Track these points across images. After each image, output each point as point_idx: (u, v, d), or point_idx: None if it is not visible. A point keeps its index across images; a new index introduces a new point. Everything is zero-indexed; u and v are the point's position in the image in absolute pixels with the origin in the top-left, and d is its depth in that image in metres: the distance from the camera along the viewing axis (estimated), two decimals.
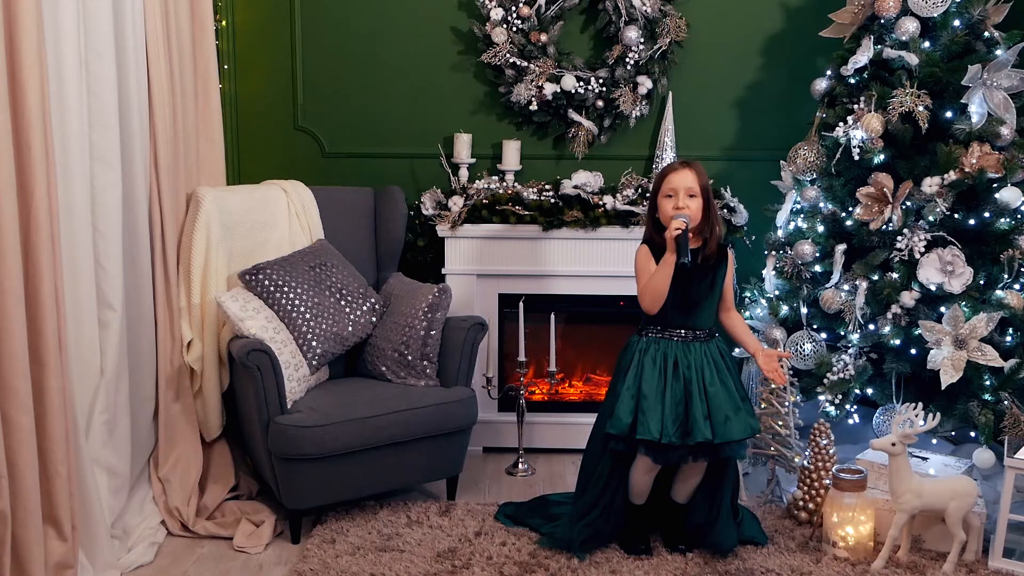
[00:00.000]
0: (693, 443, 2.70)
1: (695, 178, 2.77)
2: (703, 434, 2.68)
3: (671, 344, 2.81)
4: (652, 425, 2.71)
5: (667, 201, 2.77)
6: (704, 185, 2.79)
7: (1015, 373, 3.07)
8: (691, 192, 2.76)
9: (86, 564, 2.66)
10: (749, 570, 2.80)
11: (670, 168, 2.81)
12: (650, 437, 2.70)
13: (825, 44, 3.68)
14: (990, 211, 3.18)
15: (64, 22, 2.63)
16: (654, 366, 2.78)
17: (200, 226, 3.22)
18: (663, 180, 2.80)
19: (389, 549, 2.93)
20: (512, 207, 3.75)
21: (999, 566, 2.80)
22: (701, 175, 2.79)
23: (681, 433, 2.71)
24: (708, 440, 2.69)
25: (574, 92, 3.84)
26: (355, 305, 3.37)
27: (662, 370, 2.78)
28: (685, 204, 2.74)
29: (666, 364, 2.78)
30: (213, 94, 3.57)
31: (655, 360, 2.79)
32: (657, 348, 2.81)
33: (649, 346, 2.82)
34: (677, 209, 2.74)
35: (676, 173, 2.78)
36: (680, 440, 2.71)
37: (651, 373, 2.77)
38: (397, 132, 4.04)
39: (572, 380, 4.09)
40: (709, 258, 2.83)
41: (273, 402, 2.97)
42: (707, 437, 2.69)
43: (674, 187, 2.76)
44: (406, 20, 3.97)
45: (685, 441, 2.70)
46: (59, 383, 2.50)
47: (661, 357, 2.79)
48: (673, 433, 2.71)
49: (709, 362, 2.79)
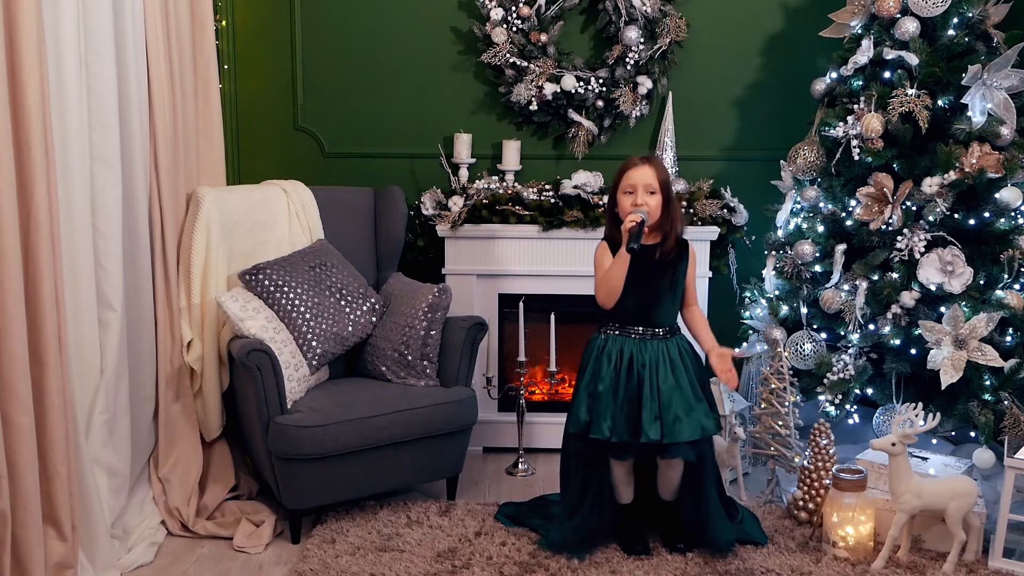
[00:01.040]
0: (641, 442, 2.70)
1: (654, 174, 2.75)
2: (648, 435, 2.69)
3: (627, 341, 2.81)
4: (604, 424, 2.72)
5: (626, 198, 2.76)
6: (664, 181, 2.77)
7: (1015, 373, 3.08)
8: (650, 188, 2.75)
9: (86, 564, 2.66)
10: (749, 570, 2.80)
11: (630, 164, 2.79)
12: (601, 436, 2.72)
13: (825, 44, 3.68)
14: (990, 211, 3.18)
15: (64, 22, 2.63)
16: (609, 363, 2.79)
17: (200, 226, 3.22)
18: (622, 176, 2.78)
19: (389, 549, 2.93)
20: (512, 207, 3.75)
21: (999, 566, 2.80)
22: (661, 171, 2.78)
23: (632, 432, 2.71)
24: (656, 441, 2.69)
25: (574, 92, 3.84)
26: (355, 305, 3.37)
27: (616, 366, 2.78)
28: (644, 201, 2.73)
29: (620, 360, 2.78)
30: (213, 94, 3.57)
31: (611, 356, 2.79)
32: (614, 344, 2.81)
33: (607, 343, 2.83)
34: (635, 206, 2.73)
35: (635, 169, 2.76)
36: (631, 438, 2.71)
37: (606, 370, 2.78)
38: (397, 132, 4.04)
39: (572, 380, 4.09)
40: (668, 254, 2.82)
41: (273, 402, 2.97)
42: (652, 438, 2.69)
43: (633, 183, 2.75)
44: (406, 20, 3.98)
45: (635, 440, 2.71)
46: (59, 383, 2.50)
47: (616, 353, 2.79)
48: (624, 431, 2.71)
49: (665, 360, 2.78)
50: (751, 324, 3.68)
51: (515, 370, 3.70)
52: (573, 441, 2.85)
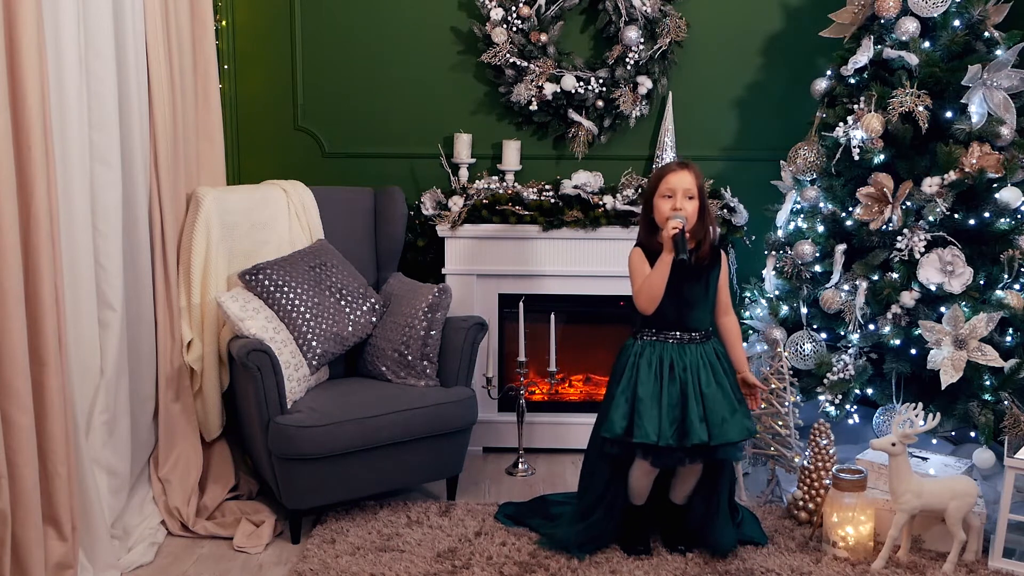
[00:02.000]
0: (690, 445, 2.69)
1: (693, 179, 2.76)
2: (699, 436, 2.68)
3: (666, 347, 2.80)
4: (649, 428, 2.70)
5: (664, 202, 2.76)
6: (701, 187, 2.78)
7: (1015, 373, 3.07)
8: (689, 194, 2.75)
9: (86, 564, 2.66)
10: (749, 570, 2.80)
11: (668, 168, 2.80)
12: (647, 440, 2.70)
13: (825, 44, 3.68)
14: (990, 211, 3.18)
15: (64, 22, 2.63)
16: (650, 369, 2.78)
17: (200, 226, 3.22)
18: (661, 180, 2.78)
19: (389, 549, 2.93)
20: (512, 207, 3.75)
21: (999, 566, 2.80)
22: (698, 176, 2.79)
23: (678, 435, 2.71)
24: (704, 442, 2.69)
25: (574, 92, 3.84)
26: (355, 305, 3.37)
27: (658, 373, 2.77)
28: (682, 205, 2.73)
29: (662, 367, 2.78)
30: (213, 94, 3.57)
31: (651, 363, 2.79)
32: (653, 351, 2.80)
33: (644, 349, 2.82)
34: (674, 210, 2.73)
35: (675, 174, 2.77)
36: (677, 442, 2.70)
37: (647, 376, 2.77)
38: (397, 132, 4.04)
39: (572, 380, 4.10)
40: (703, 260, 2.82)
41: (273, 402, 2.97)
42: (703, 439, 2.68)
43: (672, 188, 2.75)
44: (406, 20, 3.98)
45: (682, 443, 2.70)
46: (59, 383, 2.50)
47: (656, 360, 2.79)
48: (670, 436, 2.70)
49: (705, 364, 2.79)
50: (751, 324, 3.68)
51: (515, 370, 3.70)
52: (608, 446, 2.81)
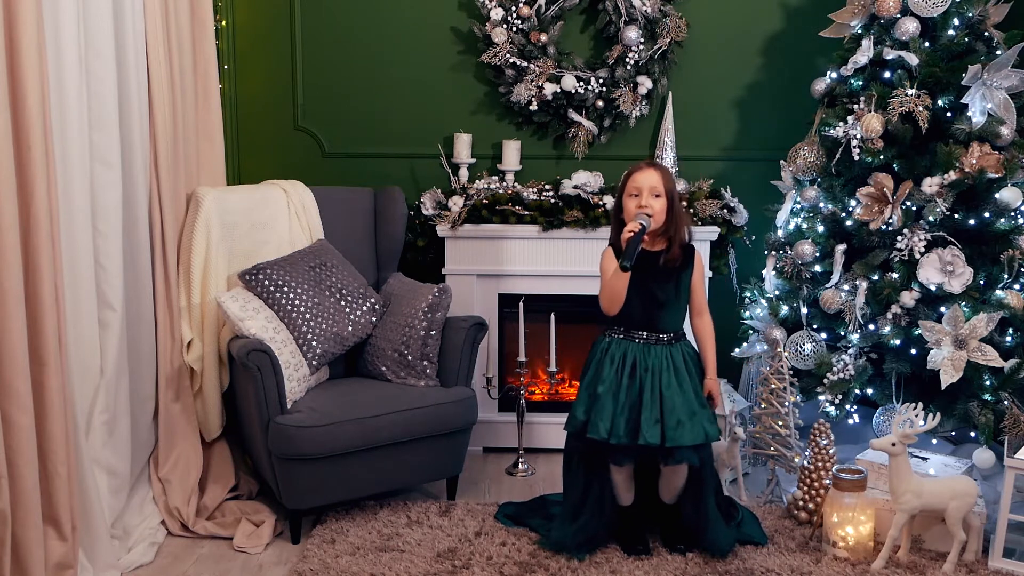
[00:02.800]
0: (641, 444, 2.70)
1: (659, 178, 2.78)
2: (649, 438, 2.69)
3: (632, 345, 2.82)
4: (601, 424, 2.72)
5: (631, 200, 2.79)
6: (669, 187, 2.80)
7: (1015, 373, 3.07)
8: (655, 192, 2.76)
9: (86, 564, 2.66)
10: (749, 570, 2.80)
11: (635, 168, 2.83)
12: (598, 436, 2.72)
13: (825, 44, 3.68)
14: (990, 211, 3.18)
15: (64, 22, 2.63)
16: (611, 366, 2.80)
17: (200, 226, 3.22)
18: (628, 179, 2.81)
19: (389, 549, 2.93)
20: (512, 207, 3.75)
21: (999, 566, 2.80)
22: (667, 177, 2.81)
23: (631, 435, 2.72)
24: (655, 444, 2.69)
25: (574, 92, 3.84)
26: (355, 305, 3.38)
27: (619, 370, 2.79)
28: (648, 204, 2.75)
29: (624, 364, 2.79)
30: (213, 94, 3.57)
31: (613, 360, 2.81)
32: (618, 348, 2.83)
33: (611, 346, 2.84)
34: (640, 208, 2.74)
35: (641, 172, 2.79)
36: (630, 441, 2.71)
37: (608, 373, 2.79)
38: (397, 132, 4.04)
39: (572, 380, 4.09)
40: (673, 261, 2.83)
41: (273, 402, 2.97)
42: (651, 441, 2.69)
43: (638, 186, 2.77)
44: (406, 20, 3.98)
45: (634, 442, 2.71)
46: (59, 383, 2.50)
47: (620, 357, 2.81)
48: (623, 434, 2.71)
49: (669, 366, 2.79)
50: (751, 324, 3.68)
51: (515, 370, 3.70)
52: (572, 440, 2.86)
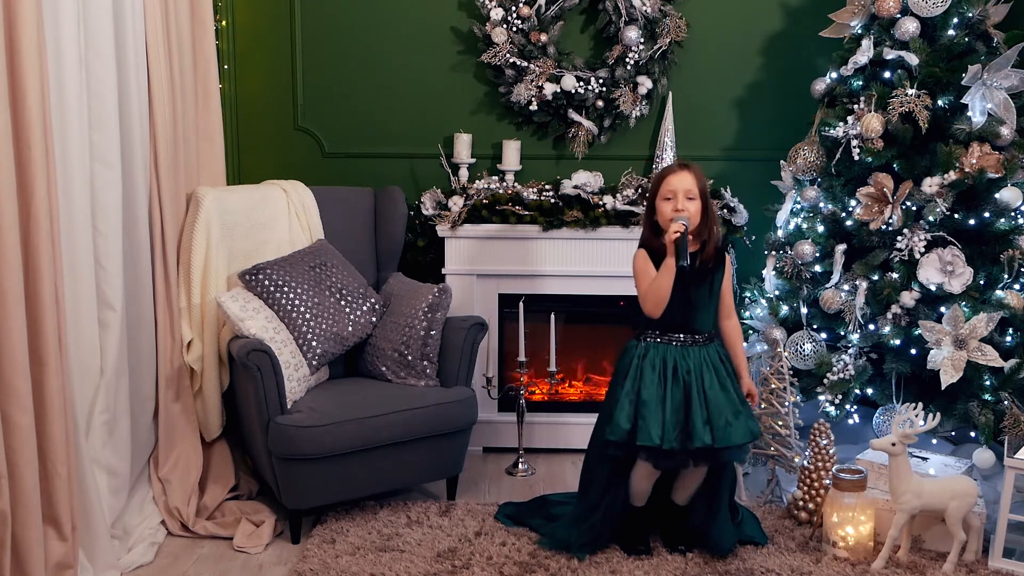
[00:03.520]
0: (693, 448, 2.69)
1: (694, 180, 2.76)
2: (703, 439, 2.68)
3: (670, 349, 2.80)
4: (653, 431, 2.70)
5: (666, 204, 2.76)
6: (703, 188, 2.78)
7: (1015, 373, 3.07)
8: (690, 194, 2.75)
9: (86, 564, 2.66)
10: (749, 570, 2.80)
11: (668, 170, 2.80)
12: (651, 443, 2.69)
13: (825, 44, 3.68)
14: (990, 211, 3.18)
15: (64, 22, 2.63)
16: (653, 371, 2.77)
17: (200, 226, 3.22)
18: (661, 182, 2.79)
19: (389, 549, 2.93)
20: (512, 207, 3.75)
21: (999, 566, 2.80)
22: (700, 177, 2.79)
23: (681, 438, 2.71)
24: (708, 445, 2.68)
25: (574, 92, 3.83)
26: (355, 305, 3.37)
27: (661, 375, 2.77)
28: (684, 207, 2.73)
29: (665, 369, 2.77)
30: (213, 94, 3.57)
31: (654, 365, 2.78)
32: (656, 353, 2.80)
33: (648, 351, 2.81)
34: (676, 211, 2.73)
35: (675, 175, 2.77)
36: (680, 445, 2.70)
37: (650, 378, 2.76)
38: (397, 132, 4.04)
39: (572, 380, 4.10)
40: (707, 262, 2.82)
41: (273, 402, 2.97)
42: (707, 442, 2.68)
43: (673, 189, 2.76)
44: (406, 20, 3.98)
45: (686, 446, 2.70)
46: (59, 383, 2.50)
47: (660, 362, 2.78)
48: (674, 438, 2.70)
49: (708, 366, 2.78)
50: (751, 324, 3.68)
51: (515, 370, 3.70)
52: (612, 448, 2.80)
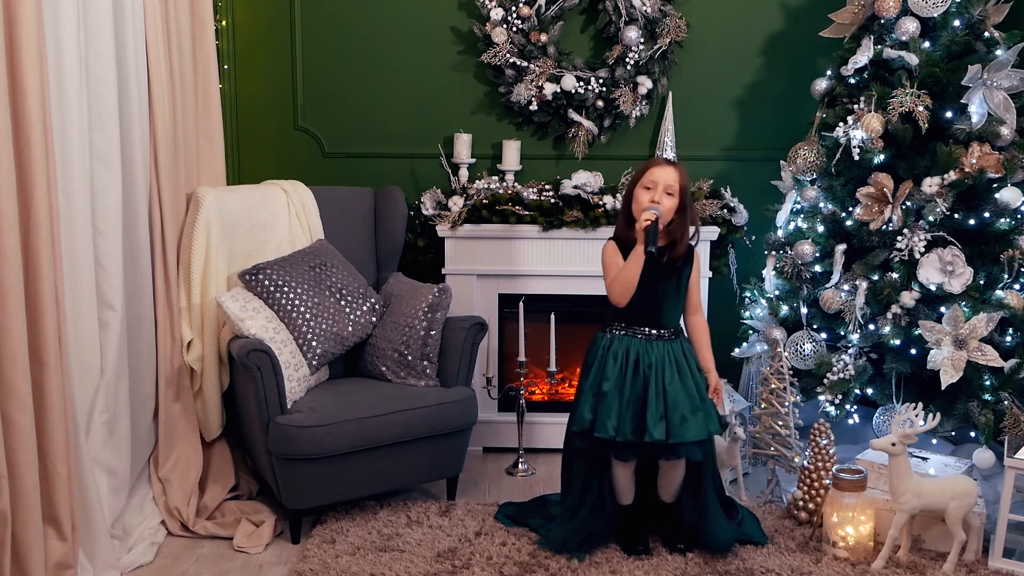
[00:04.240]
0: (647, 441, 2.71)
1: (676, 177, 2.79)
2: (653, 434, 2.70)
3: (634, 341, 2.83)
4: (609, 423, 2.73)
5: (644, 192, 2.79)
6: (684, 187, 2.81)
7: (1015, 373, 3.07)
8: (670, 190, 2.77)
9: (86, 564, 2.66)
10: (749, 570, 2.80)
11: (654, 161, 2.85)
12: (605, 435, 2.73)
13: (825, 44, 3.68)
14: (990, 211, 3.18)
15: (64, 22, 2.63)
16: (615, 362, 2.80)
17: (200, 226, 3.22)
18: (645, 171, 2.82)
19: (389, 549, 2.93)
20: (512, 207, 3.75)
21: (999, 566, 2.80)
22: (683, 177, 2.82)
23: (637, 432, 2.72)
24: (661, 440, 2.70)
25: (574, 92, 3.84)
26: (355, 305, 3.38)
27: (623, 366, 2.80)
28: (660, 199, 2.76)
29: (627, 360, 2.80)
30: (213, 94, 3.57)
31: (616, 356, 2.81)
32: (620, 344, 2.83)
33: (612, 342, 2.85)
34: (652, 202, 2.75)
35: (660, 168, 2.81)
36: (636, 438, 2.72)
37: (612, 370, 2.80)
38: (397, 132, 4.04)
39: (572, 380, 4.09)
40: (676, 259, 2.84)
41: (273, 402, 2.97)
42: (658, 438, 2.70)
43: (655, 180, 2.78)
44: (406, 20, 3.98)
45: (640, 439, 2.72)
46: (59, 383, 2.50)
47: (623, 353, 2.81)
48: (629, 431, 2.72)
49: (671, 361, 2.80)
50: (751, 324, 3.68)
51: (515, 370, 3.70)
52: (577, 440, 2.86)
